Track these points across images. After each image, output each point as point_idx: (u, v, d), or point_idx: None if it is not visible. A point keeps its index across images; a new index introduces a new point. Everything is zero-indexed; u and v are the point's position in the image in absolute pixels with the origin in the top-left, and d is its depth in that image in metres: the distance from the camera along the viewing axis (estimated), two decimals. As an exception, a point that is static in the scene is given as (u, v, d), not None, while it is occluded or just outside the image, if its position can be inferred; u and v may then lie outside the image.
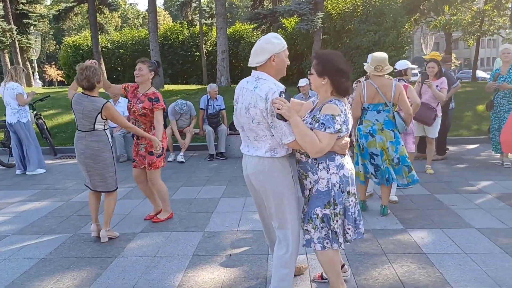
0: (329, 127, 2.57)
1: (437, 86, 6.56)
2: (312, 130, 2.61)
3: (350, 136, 2.94)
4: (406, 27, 19.04)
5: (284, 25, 18.30)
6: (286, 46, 2.73)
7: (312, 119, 2.68)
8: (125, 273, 3.60)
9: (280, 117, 2.53)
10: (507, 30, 31.79)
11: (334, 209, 2.72)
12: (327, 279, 3.23)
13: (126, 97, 4.74)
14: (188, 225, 4.75)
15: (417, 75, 7.15)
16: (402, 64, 6.17)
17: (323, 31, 15.94)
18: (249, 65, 2.76)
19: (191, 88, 17.95)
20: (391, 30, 15.19)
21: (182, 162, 8.31)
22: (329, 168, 2.70)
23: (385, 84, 4.53)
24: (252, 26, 19.14)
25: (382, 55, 4.52)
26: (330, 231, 2.76)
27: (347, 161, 2.79)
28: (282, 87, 2.61)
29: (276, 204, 2.79)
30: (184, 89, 16.63)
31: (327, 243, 2.77)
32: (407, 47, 16.61)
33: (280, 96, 2.54)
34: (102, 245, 4.25)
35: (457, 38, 33.47)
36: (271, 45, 2.65)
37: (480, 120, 10.57)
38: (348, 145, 2.74)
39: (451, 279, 3.30)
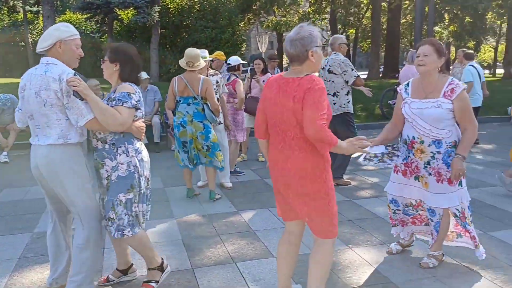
0: (126, 102, 2.72)
1: (263, 81, 7.18)
2: None
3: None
4: (242, 25, 20.15)
5: (120, 17, 17.70)
6: (78, 36, 2.80)
7: (108, 101, 2.78)
8: None
9: (77, 95, 2.60)
10: (328, 32, 35.87)
11: (139, 191, 2.84)
12: (113, 281, 3.19)
13: None
14: (14, 227, 4.40)
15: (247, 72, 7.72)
16: (234, 60, 6.64)
17: (161, 26, 15.90)
18: (36, 51, 2.77)
19: (15, 81, 16.15)
20: (227, 27, 15.96)
21: (5, 162, 7.52)
22: (128, 151, 2.80)
23: (194, 79, 4.91)
24: (85, 16, 18.07)
25: (194, 52, 4.91)
26: (131, 216, 2.82)
27: (143, 147, 2.96)
28: (73, 72, 2.67)
29: (71, 194, 2.74)
30: (6, 83, 14.89)
31: (128, 231, 2.81)
32: (242, 45, 17.61)
33: (74, 76, 2.62)
34: None
35: (287, 38, 36.50)
36: (57, 32, 2.70)
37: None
38: (144, 130, 2.94)
39: (274, 250, 3.74)
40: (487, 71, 36.90)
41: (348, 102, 5.54)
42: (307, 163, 2.48)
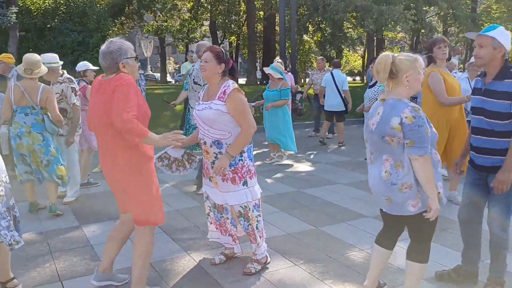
0: None
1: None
2: None
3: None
4: (116, 29, 19.43)
5: (-27, 17, 15.98)
6: None
7: None
8: None
9: None
10: (210, 38, 36.23)
11: None
12: None
13: None
14: None
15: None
16: (81, 66, 6.31)
17: (22, 28, 14.68)
18: None
19: None
20: (96, 32, 15.24)
21: None
22: None
23: (32, 87, 4.60)
24: None
25: (34, 58, 4.59)
26: None
27: None
28: None
29: None
30: None
31: None
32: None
33: None
34: None
35: (170, 43, 36.17)
36: None
37: (176, 119, 11.71)
38: None
39: (117, 262, 3.52)
40: (358, 78, 40.39)
41: None
42: (127, 159, 2.74)
